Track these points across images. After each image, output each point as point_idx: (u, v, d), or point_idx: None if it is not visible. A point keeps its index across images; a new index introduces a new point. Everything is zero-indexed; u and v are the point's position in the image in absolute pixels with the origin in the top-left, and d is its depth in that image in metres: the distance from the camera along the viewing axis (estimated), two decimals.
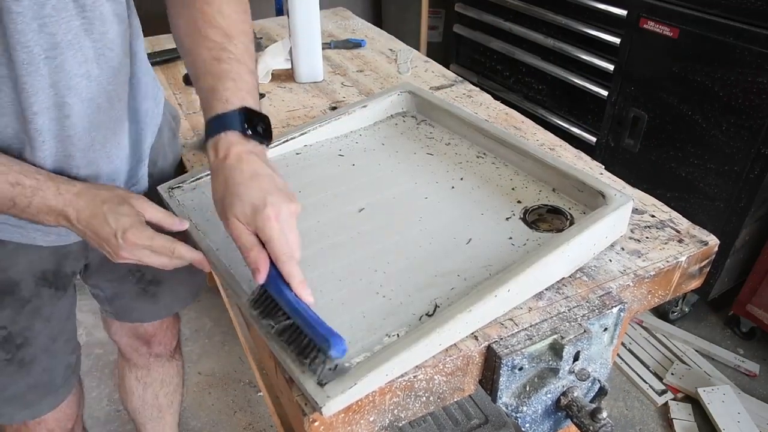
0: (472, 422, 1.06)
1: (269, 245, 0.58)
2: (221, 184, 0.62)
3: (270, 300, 0.59)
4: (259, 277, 0.58)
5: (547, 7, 1.95)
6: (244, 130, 0.64)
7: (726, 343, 1.85)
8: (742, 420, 1.55)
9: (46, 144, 0.67)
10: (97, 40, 0.66)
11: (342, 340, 0.54)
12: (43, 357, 0.87)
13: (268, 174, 0.62)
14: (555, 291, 0.69)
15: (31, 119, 0.64)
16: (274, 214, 0.58)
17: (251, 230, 0.59)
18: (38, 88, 0.63)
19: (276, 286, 0.58)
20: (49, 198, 0.65)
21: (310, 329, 0.55)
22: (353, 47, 1.48)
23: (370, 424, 0.59)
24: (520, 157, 0.86)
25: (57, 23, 0.61)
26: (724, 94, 1.50)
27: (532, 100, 2.18)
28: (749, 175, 1.51)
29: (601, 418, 0.63)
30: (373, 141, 0.97)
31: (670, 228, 0.81)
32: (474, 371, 0.64)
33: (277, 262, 0.58)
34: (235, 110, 0.64)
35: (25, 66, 0.61)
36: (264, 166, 0.63)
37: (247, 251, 0.59)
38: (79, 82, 0.66)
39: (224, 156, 0.63)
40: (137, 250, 0.66)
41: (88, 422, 1.64)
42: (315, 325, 0.55)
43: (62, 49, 0.63)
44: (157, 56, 1.38)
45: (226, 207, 0.60)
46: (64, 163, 0.70)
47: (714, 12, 1.48)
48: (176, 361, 1.25)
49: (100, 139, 0.73)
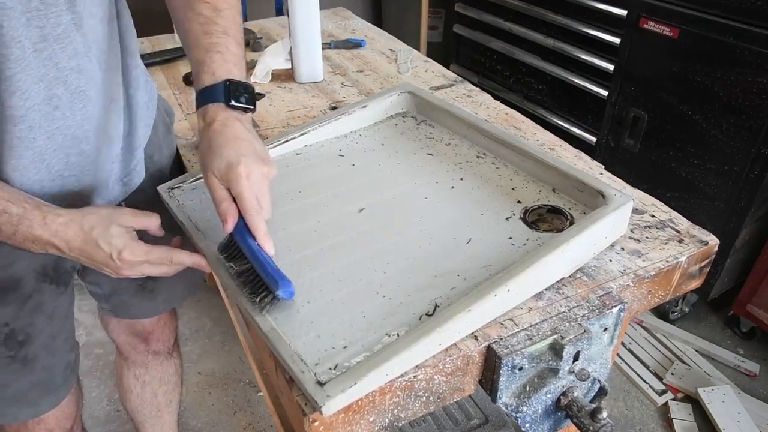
0: (472, 422, 1.06)
1: (239, 199, 0.64)
2: (205, 144, 0.68)
3: (236, 247, 0.66)
4: (227, 227, 0.64)
5: (547, 7, 1.95)
6: (227, 101, 0.69)
7: (726, 343, 1.85)
8: (742, 420, 1.55)
9: (36, 141, 0.68)
10: (86, 34, 0.68)
11: (290, 283, 0.62)
12: (44, 355, 0.87)
13: (247, 138, 0.68)
14: (555, 291, 0.69)
15: (23, 116, 0.65)
16: (246, 172, 0.64)
17: (224, 185, 0.65)
18: (30, 84, 0.64)
19: (242, 236, 0.65)
20: (34, 227, 0.65)
21: (264, 273, 0.62)
22: (353, 47, 1.48)
23: (370, 423, 0.59)
24: (520, 157, 0.86)
25: (45, 17, 0.63)
26: (724, 94, 1.50)
27: (532, 100, 2.18)
28: (749, 175, 1.51)
29: (601, 418, 0.63)
30: (373, 141, 0.97)
31: (670, 228, 0.81)
32: (474, 371, 0.64)
33: (245, 215, 0.64)
34: (221, 82, 0.70)
35: (18, 62, 0.62)
36: (245, 131, 0.69)
37: (218, 203, 0.65)
38: (69, 75, 0.67)
39: (210, 122, 0.69)
40: (136, 266, 0.69)
41: (88, 422, 1.64)
42: (269, 270, 0.62)
43: (50, 42, 0.64)
44: (157, 56, 1.37)
45: (206, 164, 0.67)
46: (55, 158, 0.71)
47: (714, 12, 1.48)
48: (174, 360, 1.25)
49: (92, 131, 0.74)
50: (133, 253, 0.68)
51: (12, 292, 0.81)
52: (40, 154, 0.70)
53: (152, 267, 0.71)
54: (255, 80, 1.28)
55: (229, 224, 0.64)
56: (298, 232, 0.77)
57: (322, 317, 0.64)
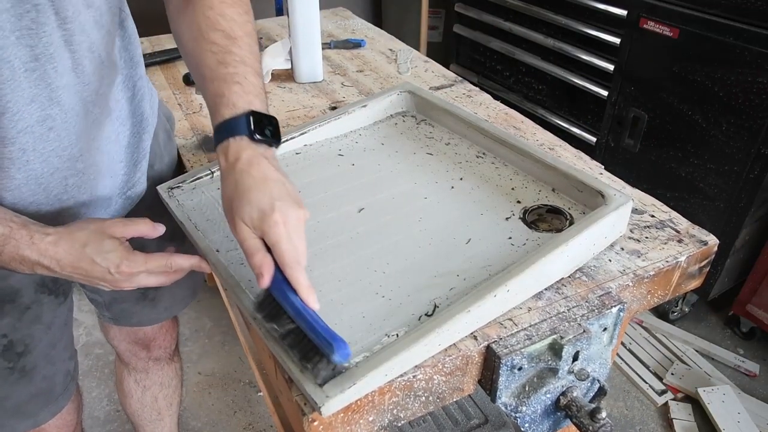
0: (472, 422, 1.06)
1: (276, 250, 0.58)
2: (231, 187, 0.61)
3: (274, 304, 0.59)
4: (263, 282, 0.57)
5: (547, 7, 1.95)
6: (251, 134, 0.63)
7: (726, 343, 1.85)
8: (742, 420, 1.55)
9: (30, 163, 0.65)
10: (75, 50, 0.65)
11: (345, 345, 0.54)
12: (44, 364, 0.87)
13: (278, 179, 0.61)
14: (554, 291, 0.69)
15: (14, 139, 0.62)
16: (282, 219, 0.58)
17: (258, 234, 0.59)
18: (21, 105, 0.61)
19: (281, 291, 0.58)
20: (22, 247, 0.62)
21: (315, 333, 0.55)
22: (353, 47, 1.48)
23: (370, 423, 0.59)
24: (519, 157, 0.86)
25: (36, 35, 0.60)
26: (724, 94, 1.50)
27: (532, 100, 2.18)
28: (749, 175, 1.51)
29: (601, 418, 0.63)
30: (372, 141, 0.97)
31: (669, 228, 0.81)
32: (473, 371, 0.64)
33: (284, 267, 0.57)
34: (243, 114, 0.63)
35: (9, 83, 0.59)
36: (274, 171, 0.62)
37: (251, 255, 0.58)
38: (61, 94, 0.64)
39: (234, 160, 0.62)
40: (134, 277, 0.67)
41: (87, 422, 1.65)
42: (319, 330, 0.55)
43: (42, 62, 0.61)
44: (157, 56, 1.38)
45: (234, 210, 0.60)
46: (53, 182, 0.69)
47: (714, 12, 1.48)
48: (175, 363, 1.25)
49: (90, 150, 0.71)
50: (131, 265, 0.65)
51: (10, 303, 0.79)
52: (36, 178, 0.67)
53: (150, 277, 0.68)
54: None
55: (266, 279, 0.57)
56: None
57: (321, 317, 0.63)
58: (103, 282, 0.66)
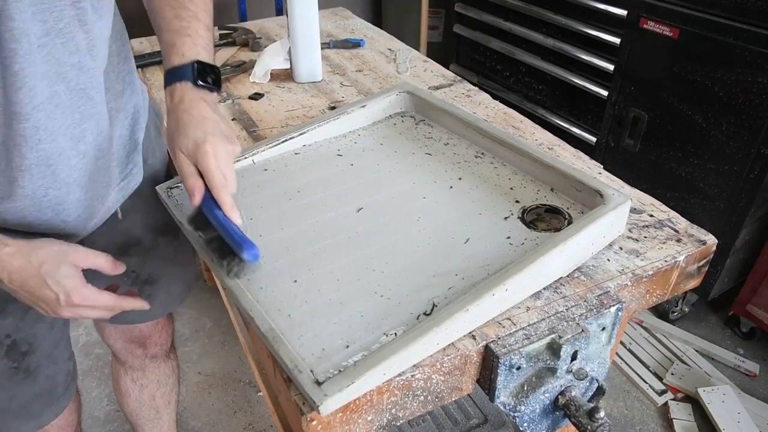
0: (471, 422, 1.06)
1: (206, 175, 0.68)
2: (173, 123, 0.71)
3: (203, 218, 0.70)
4: (194, 201, 0.68)
5: (547, 7, 1.95)
6: (195, 80, 0.72)
7: (726, 343, 1.85)
8: (742, 420, 1.54)
9: (42, 143, 0.66)
10: (89, 31, 0.67)
11: (254, 246, 0.66)
12: (47, 364, 0.87)
13: (214, 119, 0.71)
14: (553, 290, 0.69)
15: (29, 115, 0.64)
16: (212, 150, 0.67)
17: (192, 162, 0.68)
18: (35, 80, 0.63)
19: (209, 208, 0.69)
20: None
21: (230, 239, 0.67)
22: (352, 47, 1.48)
23: (368, 423, 0.59)
24: (518, 156, 0.86)
25: (49, 10, 0.62)
26: (724, 94, 1.50)
27: (532, 100, 2.18)
28: (749, 175, 1.51)
29: (599, 418, 0.63)
30: (371, 141, 0.97)
31: (668, 227, 0.81)
32: (472, 370, 0.64)
33: (213, 190, 0.67)
34: (189, 63, 0.73)
35: (26, 57, 0.61)
36: (211, 112, 0.72)
37: (186, 179, 0.69)
38: (69, 71, 0.66)
39: (179, 101, 0.72)
40: (78, 309, 0.70)
41: (87, 422, 1.65)
42: (234, 236, 0.66)
43: (52, 36, 0.63)
44: (156, 56, 1.38)
45: (174, 142, 0.69)
46: (59, 159, 0.70)
47: (714, 12, 1.48)
48: (171, 361, 1.24)
49: (94, 134, 0.73)
50: (81, 298, 0.68)
51: (11, 302, 0.79)
52: (45, 158, 0.68)
53: (93, 311, 0.72)
54: (254, 80, 1.28)
55: (197, 198, 0.68)
56: (297, 231, 0.77)
57: (321, 317, 0.64)
58: (45, 306, 0.69)
